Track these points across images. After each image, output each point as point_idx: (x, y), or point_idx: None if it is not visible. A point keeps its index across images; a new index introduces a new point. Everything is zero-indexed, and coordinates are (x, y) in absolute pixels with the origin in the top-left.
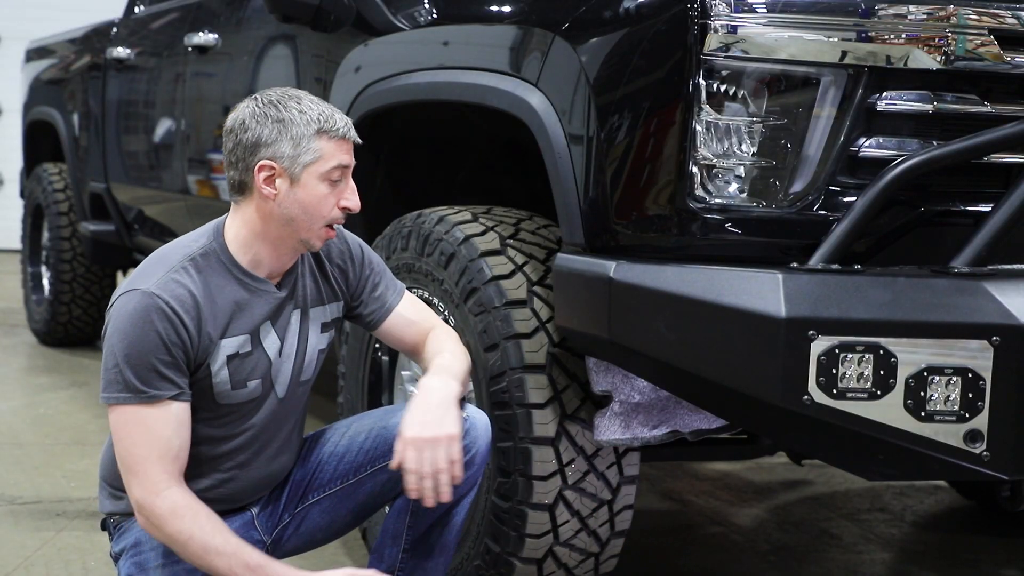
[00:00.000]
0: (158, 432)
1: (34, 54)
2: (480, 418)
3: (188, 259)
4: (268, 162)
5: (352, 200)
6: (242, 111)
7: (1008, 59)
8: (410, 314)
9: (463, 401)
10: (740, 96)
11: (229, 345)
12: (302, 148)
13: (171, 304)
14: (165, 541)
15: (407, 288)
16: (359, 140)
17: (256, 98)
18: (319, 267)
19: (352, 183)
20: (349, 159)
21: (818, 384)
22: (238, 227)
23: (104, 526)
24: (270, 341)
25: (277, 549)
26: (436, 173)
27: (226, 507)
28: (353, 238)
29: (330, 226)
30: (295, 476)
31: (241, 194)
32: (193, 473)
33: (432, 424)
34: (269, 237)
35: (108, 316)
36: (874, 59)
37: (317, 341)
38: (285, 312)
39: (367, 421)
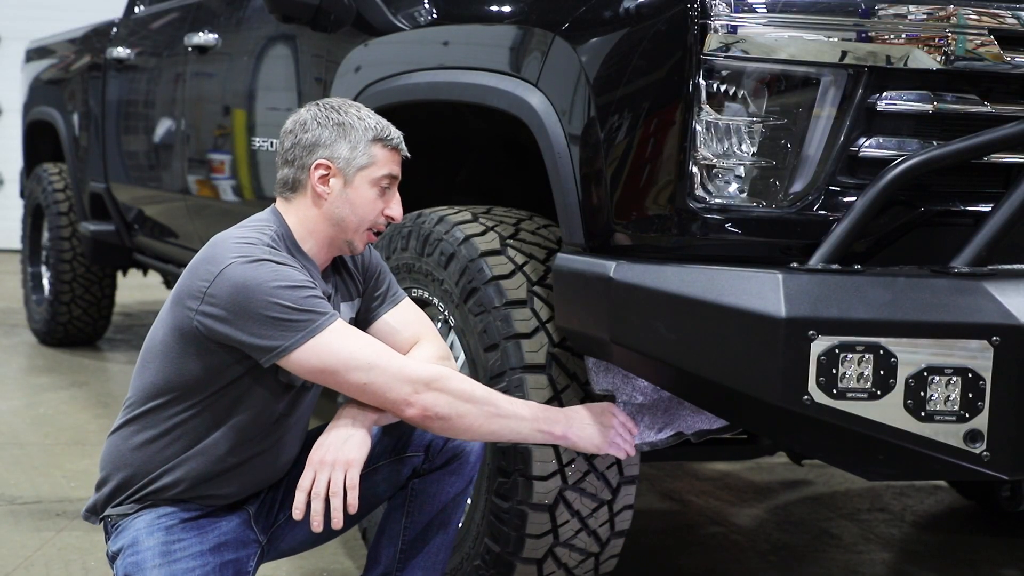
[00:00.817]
0: (364, 337)
1: (34, 54)
2: None
3: (271, 239)
4: (325, 161)
5: (396, 210)
6: (303, 114)
7: (1008, 59)
8: (399, 323)
9: None
10: (740, 96)
11: None
12: (358, 152)
13: (284, 260)
14: (451, 404)
15: (408, 288)
16: (408, 155)
17: (317, 104)
18: (343, 264)
19: (398, 195)
20: (398, 171)
21: (818, 384)
22: (293, 223)
23: (88, 516)
24: None
25: (273, 549)
26: (436, 173)
27: (229, 498)
28: None
29: (372, 231)
30: (291, 475)
31: (293, 191)
32: (218, 451)
33: (332, 448)
34: (319, 235)
35: (222, 295)
36: (874, 59)
37: None
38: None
39: None
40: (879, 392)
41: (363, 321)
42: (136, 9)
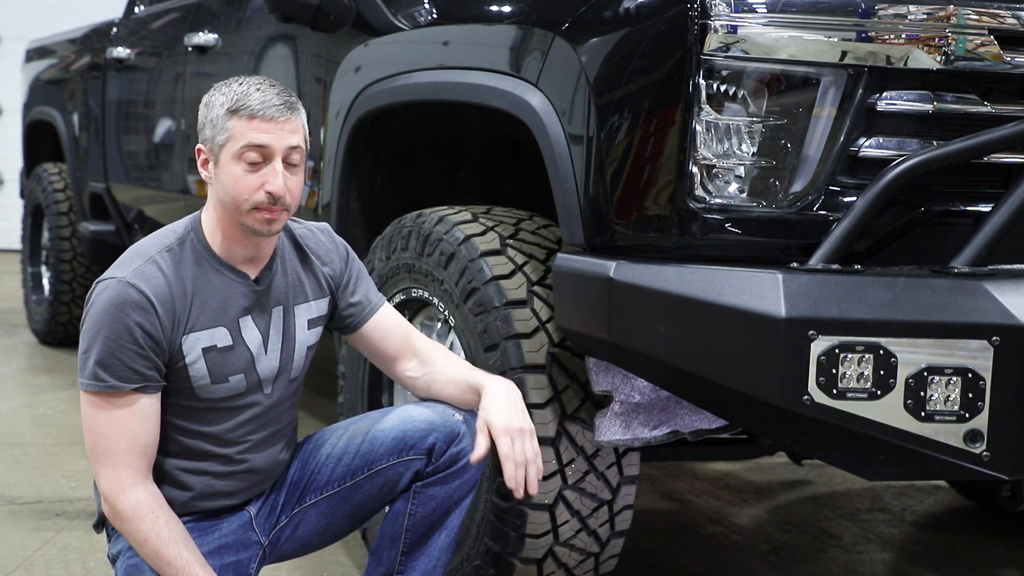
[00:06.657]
0: (123, 424)
1: (34, 54)
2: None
3: (165, 249)
4: (199, 146)
5: (273, 184)
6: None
7: (1008, 59)
8: (393, 321)
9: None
10: (740, 96)
11: (204, 337)
12: (217, 129)
13: (146, 293)
14: (124, 535)
15: (408, 288)
16: (285, 117)
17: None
18: (304, 262)
19: (278, 166)
20: (267, 139)
21: (818, 384)
22: (205, 215)
23: (98, 528)
24: (251, 335)
25: (274, 551)
26: (436, 173)
27: (222, 504)
28: (341, 240)
29: (260, 209)
30: (293, 477)
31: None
32: (188, 468)
33: (519, 416)
34: (221, 224)
35: (87, 303)
36: (874, 59)
37: (305, 338)
38: (266, 307)
39: (364, 423)
40: (879, 392)
41: (350, 326)
42: (136, 9)
